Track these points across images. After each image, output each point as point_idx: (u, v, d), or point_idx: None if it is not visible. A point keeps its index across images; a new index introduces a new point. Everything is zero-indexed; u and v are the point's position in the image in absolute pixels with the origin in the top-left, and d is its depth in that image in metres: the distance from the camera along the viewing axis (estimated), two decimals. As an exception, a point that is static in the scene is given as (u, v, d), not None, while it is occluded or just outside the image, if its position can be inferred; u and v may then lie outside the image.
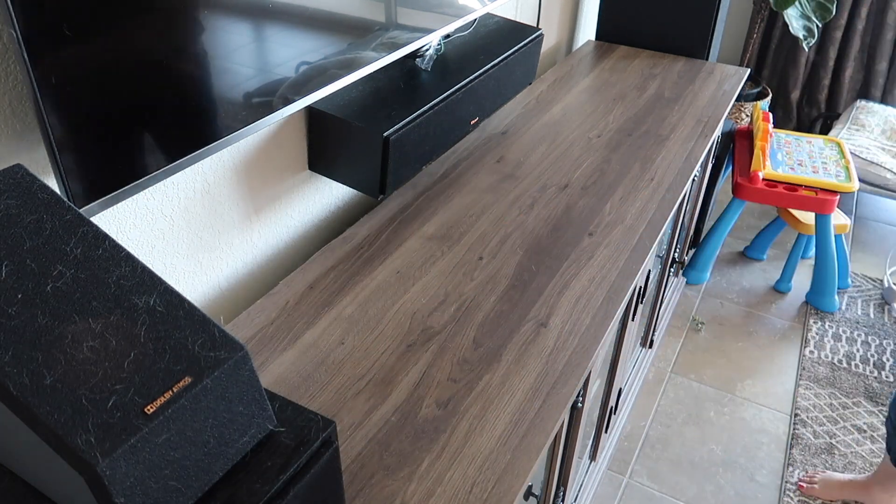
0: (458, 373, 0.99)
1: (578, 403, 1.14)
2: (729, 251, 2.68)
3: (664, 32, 2.19)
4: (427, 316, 1.09)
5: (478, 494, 0.82)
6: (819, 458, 1.86)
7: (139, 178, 0.79)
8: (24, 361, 0.48)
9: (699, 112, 1.81)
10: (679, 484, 1.79)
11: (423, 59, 1.36)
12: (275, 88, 0.95)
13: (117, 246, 0.57)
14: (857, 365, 2.16)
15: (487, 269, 1.19)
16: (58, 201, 0.58)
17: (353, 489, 0.82)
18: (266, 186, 1.16)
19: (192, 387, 0.51)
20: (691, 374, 2.12)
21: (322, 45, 1.01)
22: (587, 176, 1.49)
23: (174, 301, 0.56)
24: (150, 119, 0.78)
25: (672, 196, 1.43)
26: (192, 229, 1.04)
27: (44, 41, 0.65)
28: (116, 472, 0.47)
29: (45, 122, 0.67)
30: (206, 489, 0.55)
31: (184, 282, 1.06)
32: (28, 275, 0.53)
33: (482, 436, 0.89)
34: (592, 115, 1.76)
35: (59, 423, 0.46)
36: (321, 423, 0.61)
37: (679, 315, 2.35)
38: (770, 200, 2.23)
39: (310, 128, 1.20)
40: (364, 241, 1.25)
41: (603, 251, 1.25)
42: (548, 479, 1.21)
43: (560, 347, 1.03)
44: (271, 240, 1.22)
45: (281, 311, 1.09)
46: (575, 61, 2.10)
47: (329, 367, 0.99)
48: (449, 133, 1.34)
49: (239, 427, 0.56)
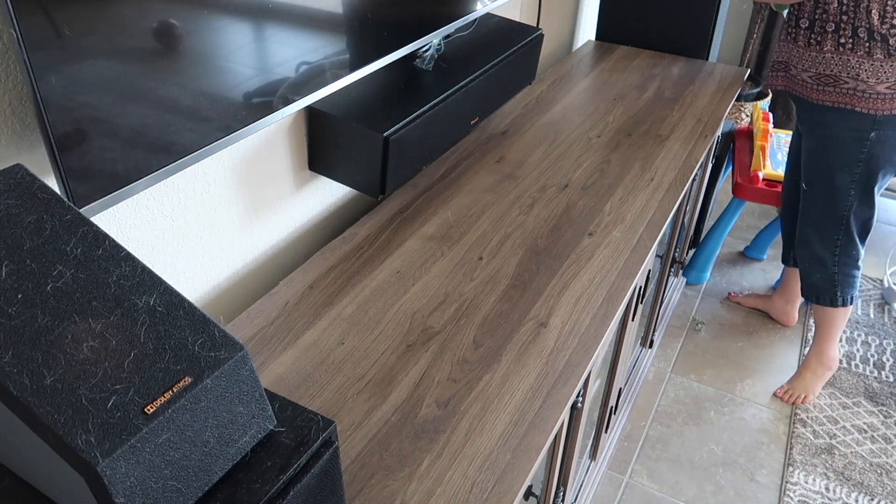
0: (458, 373, 0.99)
1: (578, 403, 1.14)
2: (729, 251, 2.68)
3: (664, 32, 2.19)
4: (427, 316, 1.09)
5: (478, 494, 0.82)
6: (819, 457, 1.86)
7: (139, 178, 0.79)
8: (24, 361, 0.48)
9: (699, 112, 1.81)
10: (679, 484, 1.79)
11: (423, 59, 1.36)
12: (275, 88, 0.95)
13: (117, 246, 0.58)
14: (857, 365, 2.16)
15: (487, 269, 1.19)
16: (58, 201, 0.58)
17: (353, 489, 0.82)
18: (266, 186, 1.16)
19: (192, 387, 0.51)
20: (691, 374, 2.12)
21: (322, 45, 1.01)
22: (587, 176, 1.49)
23: (174, 301, 0.56)
24: (151, 119, 0.78)
25: (672, 196, 1.43)
26: (192, 229, 1.04)
27: (44, 41, 0.65)
28: (116, 472, 0.47)
29: (45, 122, 0.67)
30: (206, 489, 0.55)
31: (184, 282, 1.06)
32: (28, 275, 0.53)
33: (482, 436, 0.89)
34: (592, 115, 1.76)
35: (59, 423, 0.46)
36: (321, 423, 0.61)
37: (679, 315, 2.35)
38: (770, 200, 2.23)
39: (310, 128, 1.20)
40: (364, 241, 1.25)
41: (603, 251, 1.25)
42: (548, 479, 1.21)
43: (560, 347, 1.03)
44: (271, 240, 1.22)
45: (281, 311, 1.09)
46: (575, 61, 2.10)
47: (329, 367, 0.99)
48: (449, 133, 1.34)
49: (239, 427, 0.56)
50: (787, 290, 2.26)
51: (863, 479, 1.81)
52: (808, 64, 1.67)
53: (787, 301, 2.27)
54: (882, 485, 1.80)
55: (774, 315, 2.31)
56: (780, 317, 2.30)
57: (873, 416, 1.99)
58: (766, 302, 2.34)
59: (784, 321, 2.30)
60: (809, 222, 1.86)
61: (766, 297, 2.35)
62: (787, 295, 2.26)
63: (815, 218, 1.83)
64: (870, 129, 1.63)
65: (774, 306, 2.31)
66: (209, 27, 0.81)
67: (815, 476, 1.82)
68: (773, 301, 2.31)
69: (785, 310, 2.28)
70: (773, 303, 2.31)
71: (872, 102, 1.60)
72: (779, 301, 2.29)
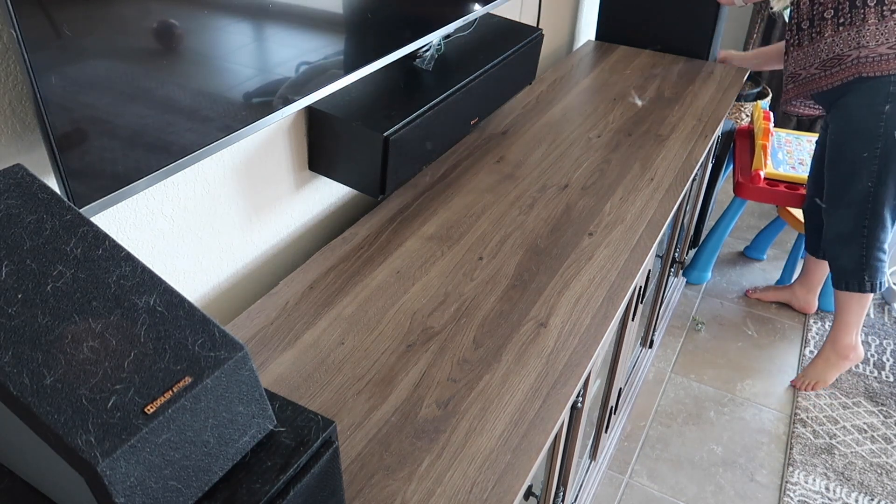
0: (458, 373, 0.99)
1: (578, 403, 1.14)
2: (729, 251, 2.68)
3: (664, 32, 2.19)
4: (427, 316, 1.09)
5: (478, 494, 0.82)
6: (819, 457, 1.86)
7: (139, 178, 0.79)
8: (24, 361, 0.48)
9: (699, 112, 1.81)
10: (679, 484, 1.79)
11: (423, 60, 1.36)
12: (275, 88, 0.95)
13: (117, 246, 0.58)
14: (857, 365, 2.16)
15: (487, 269, 1.19)
16: (58, 201, 0.58)
17: (353, 489, 0.82)
18: (266, 186, 1.16)
19: (192, 387, 0.51)
20: (691, 374, 2.12)
21: (322, 44, 1.01)
22: (587, 176, 1.49)
23: (174, 301, 0.56)
24: (150, 119, 0.78)
25: (672, 196, 1.43)
26: (192, 229, 1.04)
27: (44, 41, 0.65)
28: (116, 472, 0.47)
29: (46, 122, 0.67)
30: (206, 489, 0.55)
31: (184, 282, 1.06)
32: (28, 275, 0.53)
33: (482, 436, 0.89)
34: (592, 115, 1.76)
35: (59, 423, 0.46)
36: (321, 423, 0.61)
37: (679, 315, 2.35)
38: (771, 199, 2.23)
39: (310, 128, 1.20)
40: (364, 241, 1.25)
41: (603, 251, 1.25)
42: (548, 479, 1.21)
43: (560, 347, 1.03)
44: (271, 240, 1.22)
45: (281, 311, 1.09)
46: (575, 61, 2.10)
47: (329, 367, 0.99)
48: (449, 133, 1.34)
49: (239, 427, 0.56)
50: (807, 279, 2.31)
51: (863, 479, 1.81)
52: (813, 58, 1.73)
53: (809, 290, 2.33)
54: (882, 485, 1.80)
55: (796, 305, 2.37)
56: (802, 306, 2.36)
57: (873, 416, 1.99)
58: (787, 293, 2.38)
59: (806, 310, 2.36)
60: (836, 203, 1.85)
61: (786, 288, 2.39)
62: (808, 284, 2.32)
63: (842, 197, 1.83)
64: (884, 102, 1.65)
65: (796, 296, 2.36)
66: (209, 27, 0.81)
67: (815, 476, 1.82)
68: (794, 291, 2.36)
69: (807, 298, 2.34)
70: (794, 293, 2.36)
71: (878, 65, 1.63)
72: (800, 290, 2.34)
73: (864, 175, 1.75)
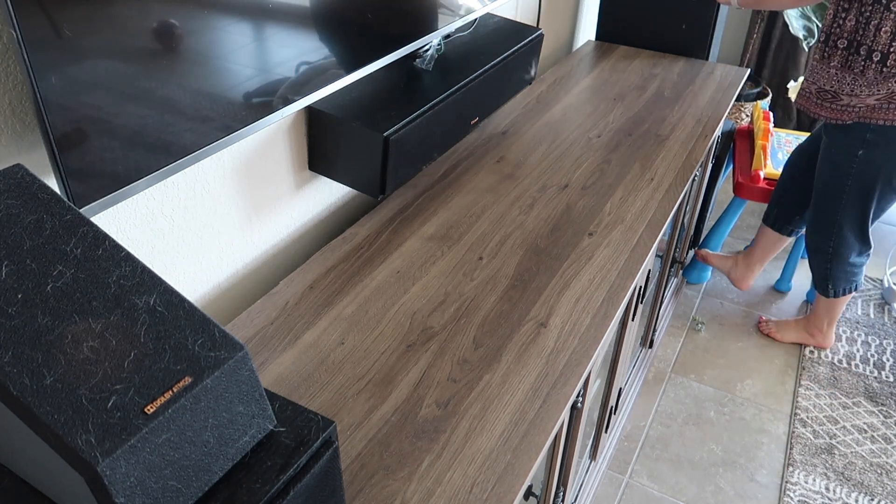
0: (458, 373, 0.99)
1: (578, 403, 1.14)
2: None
3: (664, 32, 2.19)
4: (427, 316, 1.09)
5: (478, 494, 0.82)
6: (819, 457, 1.86)
7: (139, 178, 0.79)
8: (24, 361, 0.48)
9: (699, 112, 1.81)
10: (679, 484, 1.79)
11: (423, 60, 1.36)
12: (275, 88, 0.95)
13: (117, 246, 0.57)
14: (857, 365, 2.16)
15: (487, 269, 1.19)
16: (58, 201, 0.58)
17: (353, 489, 0.82)
18: (266, 186, 1.16)
19: (192, 387, 0.51)
20: (691, 374, 2.12)
21: (322, 44, 1.01)
22: (587, 176, 1.49)
23: (174, 301, 0.56)
24: (150, 119, 0.78)
25: (672, 196, 1.43)
26: (192, 229, 1.04)
27: (44, 41, 0.65)
28: (116, 472, 0.47)
29: (45, 122, 0.67)
30: (206, 489, 0.55)
31: (184, 282, 1.06)
32: (28, 275, 0.53)
33: (482, 436, 0.89)
34: (592, 115, 1.76)
35: (59, 423, 0.46)
36: (321, 423, 0.61)
37: (679, 315, 2.35)
38: (770, 200, 2.23)
39: (310, 128, 1.20)
40: (364, 241, 1.25)
41: (603, 251, 1.25)
42: (548, 479, 1.21)
43: (560, 347, 1.03)
44: (271, 240, 1.22)
45: (281, 311, 1.09)
46: (575, 61, 2.10)
47: (329, 367, 0.99)
48: (449, 133, 1.34)
49: (239, 427, 0.56)
50: (752, 252, 2.25)
51: (863, 479, 1.81)
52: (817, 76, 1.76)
53: (748, 266, 2.26)
54: (882, 485, 1.80)
55: (733, 276, 2.29)
56: (737, 279, 2.29)
57: (873, 416, 1.99)
58: (729, 262, 2.30)
59: (740, 284, 2.29)
60: (811, 215, 1.96)
61: (730, 257, 2.31)
62: (749, 259, 2.26)
63: (815, 213, 1.95)
64: (859, 146, 1.74)
65: (737, 266, 2.28)
66: (209, 27, 0.81)
67: (815, 476, 1.82)
68: (736, 261, 2.29)
69: (745, 273, 2.27)
70: (735, 263, 2.29)
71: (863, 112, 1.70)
72: (742, 262, 2.27)
73: (833, 203, 1.88)
